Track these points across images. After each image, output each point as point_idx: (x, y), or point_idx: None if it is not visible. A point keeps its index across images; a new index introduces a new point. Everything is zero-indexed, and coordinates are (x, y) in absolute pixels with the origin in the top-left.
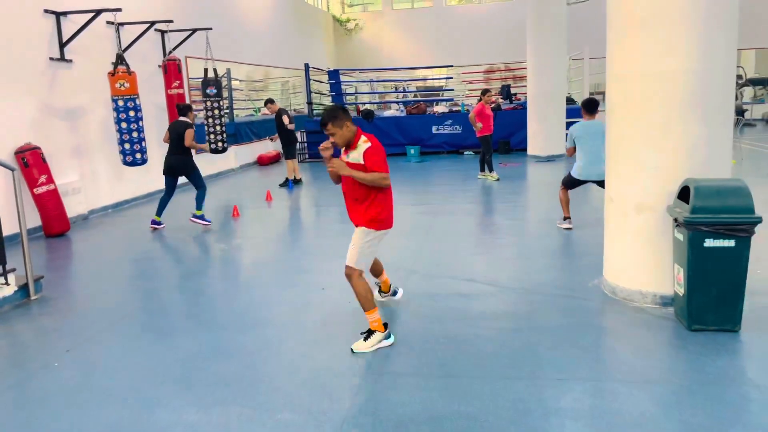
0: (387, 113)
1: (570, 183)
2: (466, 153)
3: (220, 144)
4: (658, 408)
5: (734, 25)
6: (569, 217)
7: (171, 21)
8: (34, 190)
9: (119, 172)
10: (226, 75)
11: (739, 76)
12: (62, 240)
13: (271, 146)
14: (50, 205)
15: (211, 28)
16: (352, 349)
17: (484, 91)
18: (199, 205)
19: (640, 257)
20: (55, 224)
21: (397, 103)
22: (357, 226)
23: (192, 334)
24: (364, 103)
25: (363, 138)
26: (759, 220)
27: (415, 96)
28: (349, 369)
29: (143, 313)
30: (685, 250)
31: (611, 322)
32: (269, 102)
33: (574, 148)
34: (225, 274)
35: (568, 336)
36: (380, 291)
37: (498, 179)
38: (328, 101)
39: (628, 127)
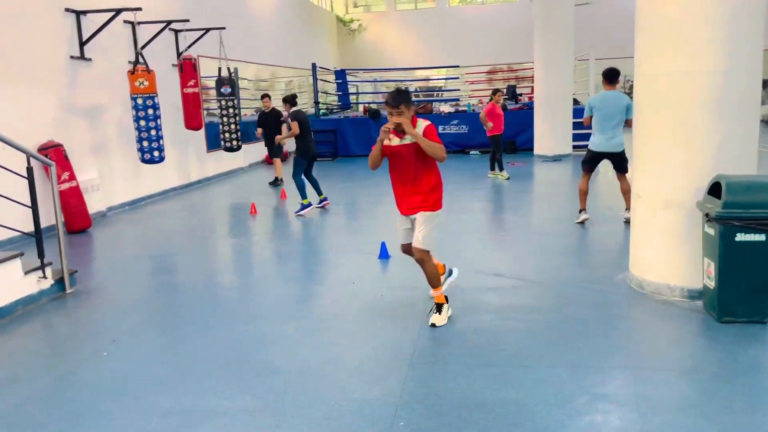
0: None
1: (589, 161)
2: (472, 153)
3: (234, 142)
4: (698, 394)
5: (760, 28)
6: (585, 209)
7: (187, 20)
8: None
9: (136, 169)
10: (234, 74)
11: None
12: (84, 236)
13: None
14: (73, 201)
15: (224, 28)
16: (433, 324)
17: (495, 91)
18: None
19: (667, 252)
20: (77, 221)
21: None
22: (415, 211)
23: (232, 326)
24: (369, 103)
25: (420, 120)
26: None
27: (417, 96)
28: (394, 358)
29: (179, 306)
30: (716, 245)
31: (641, 315)
32: (265, 97)
33: (591, 117)
34: (251, 269)
35: (601, 327)
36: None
37: (508, 178)
38: (334, 101)
39: (656, 126)
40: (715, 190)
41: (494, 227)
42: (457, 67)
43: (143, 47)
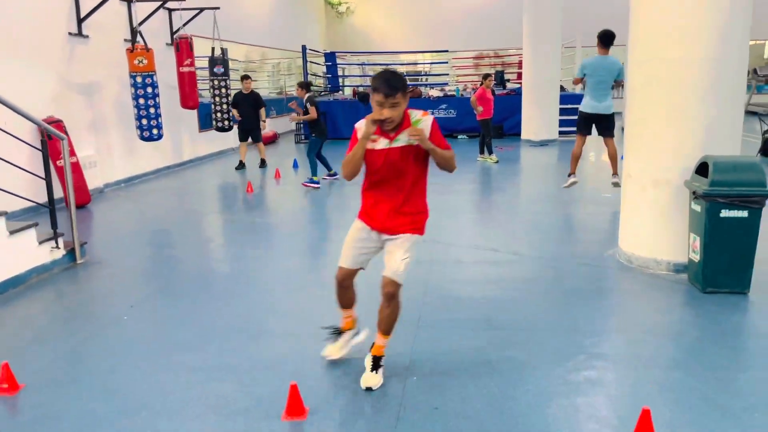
0: None
1: (581, 124)
2: (460, 137)
3: (226, 122)
4: (687, 354)
5: (748, 18)
6: (574, 173)
7: None
8: (57, 162)
9: (132, 147)
10: (224, 54)
11: None
12: (84, 211)
13: (268, 127)
14: (73, 177)
15: (218, 8)
16: (369, 387)
17: (486, 76)
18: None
19: (655, 228)
20: (77, 196)
21: None
22: (396, 232)
23: (244, 294)
24: (358, 86)
25: (416, 112)
26: None
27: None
28: (402, 323)
29: (189, 276)
30: (702, 220)
31: (631, 286)
32: (246, 78)
33: (581, 79)
34: (255, 243)
35: (594, 297)
36: (340, 332)
37: (497, 162)
38: (321, 83)
39: (649, 109)
40: (701, 169)
41: (484, 207)
42: (446, 51)
43: (140, 25)
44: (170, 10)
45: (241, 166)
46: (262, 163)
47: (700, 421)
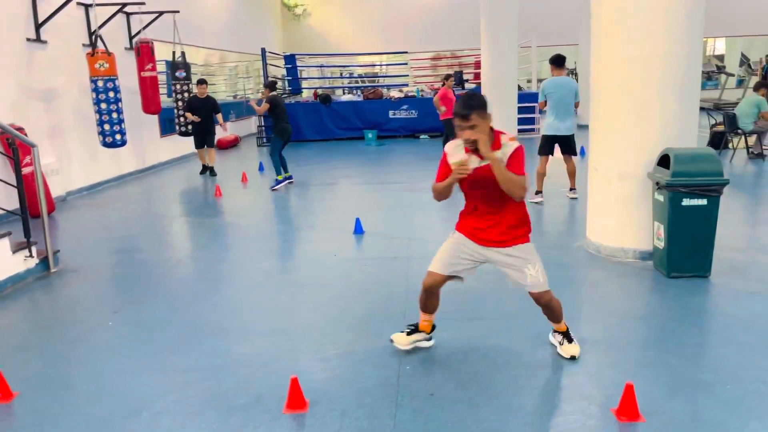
0: (344, 98)
1: (545, 146)
2: (422, 137)
3: (189, 127)
4: (658, 334)
5: (702, 16)
6: (541, 192)
7: (143, 3)
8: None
9: (93, 154)
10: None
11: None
12: (50, 220)
13: (226, 131)
14: (35, 185)
15: (178, 11)
16: (573, 356)
17: (447, 76)
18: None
19: (621, 218)
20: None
21: (350, 88)
22: (503, 244)
23: (226, 295)
24: (318, 88)
25: (506, 135)
26: (727, 182)
27: (363, 81)
28: (388, 317)
29: (168, 280)
30: (665, 209)
31: (600, 274)
32: (202, 83)
33: (545, 102)
34: (230, 246)
35: (567, 285)
36: (416, 330)
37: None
38: (280, 86)
39: (612, 106)
40: (663, 161)
41: (454, 204)
42: (406, 53)
43: (99, 28)
44: (128, 14)
45: (204, 170)
46: (210, 171)
47: (677, 394)
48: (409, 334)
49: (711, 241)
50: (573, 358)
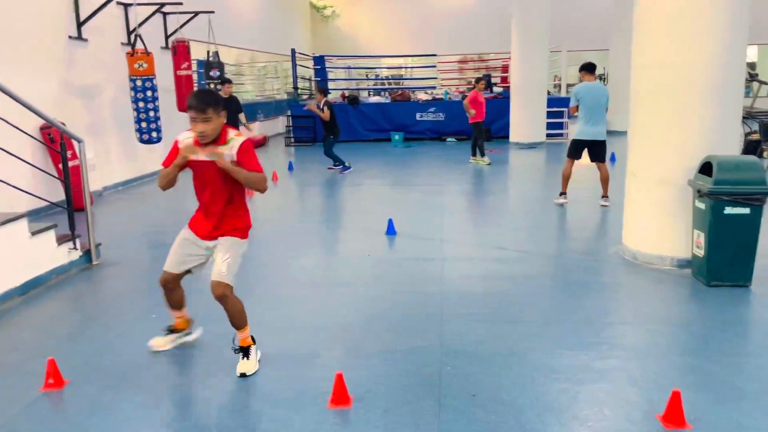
0: (372, 99)
1: (574, 149)
2: (448, 140)
3: None
4: (700, 342)
5: (746, 23)
6: (565, 193)
7: (180, 3)
8: (60, 165)
9: (129, 150)
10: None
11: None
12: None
13: (258, 130)
14: (75, 180)
15: (213, 12)
16: (243, 373)
17: (478, 80)
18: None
19: (659, 225)
20: (79, 198)
21: (377, 90)
22: (217, 237)
23: (265, 291)
24: (345, 89)
25: (232, 131)
26: None
27: (390, 83)
28: (426, 317)
29: (206, 276)
30: (706, 217)
31: (638, 281)
32: (227, 82)
33: (577, 107)
34: (268, 242)
35: (604, 291)
36: (173, 330)
37: (489, 164)
38: (306, 87)
39: (653, 111)
40: (704, 168)
41: (483, 207)
42: (434, 55)
43: (138, 27)
44: (165, 14)
45: None
46: None
47: (721, 401)
48: (167, 334)
49: (753, 250)
50: (243, 375)
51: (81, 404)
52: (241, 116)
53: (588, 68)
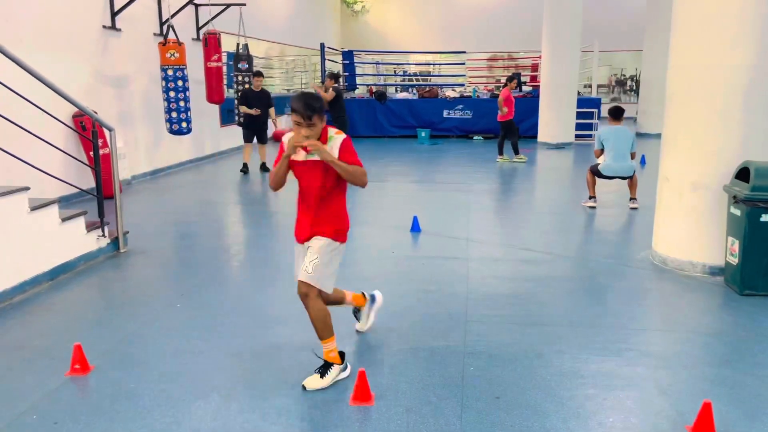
0: (400, 95)
1: (597, 173)
2: (475, 138)
3: (241, 119)
4: (732, 353)
5: None
6: (594, 197)
7: None
8: (91, 153)
9: (157, 140)
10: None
11: None
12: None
13: (284, 123)
14: (105, 168)
15: (245, 4)
16: (304, 386)
17: (510, 78)
18: None
19: (692, 231)
20: (108, 186)
21: (404, 86)
22: (311, 237)
23: (291, 283)
24: (373, 85)
25: (332, 130)
26: None
27: (417, 80)
28: (450, 317)
29: (232, 267)
30: (742, 224)
31: (668, 287)
32: (258, 75)
33: (601, 151)
34: (288, 235)
35: (633, 296)
36: (358, 311)
37: (524, 161)
38: (340, 80)
39: (689, 113)
40: (741, 174)
41: (510, 207)
42: (464, 53)
43: (171, 18)
44: (197, 6)
45: (246, 169)
46: (263, 167)
47: (754, 415)
48: (359, 319)
49: None
50: (303, 388)
51: (105, 390)
52: (271, 111)
53: (614, 114)
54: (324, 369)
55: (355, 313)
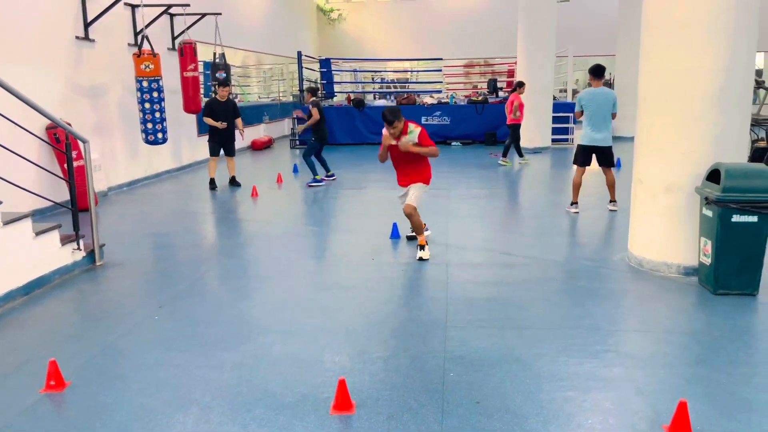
0: (378, 103)
1: (580, 156)
2: (453, 144)
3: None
4: (707, 352)
5: (755, 30)
6: (577, 203)
7: (188, 5)
8: (65, 165)
9: (134, 150)
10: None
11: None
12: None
13: (262, 131)
14: (80, 180)
15: (221, 13)
16: (421, 257)
17: (520, 84)
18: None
19: (666, 232)
20: (84, 199)
21: (382, 93)
22: (411, 184)
23: (269, 293)
24: (351, 92)
25: (412, 124)
26: None
27: (395, 87)
28: (430, 322)
29: (211, 277)
30: (714, 225)
31: (644, 288)
32: (224, 84)
33: (581, 112)
34: (271, 246)
35: (610, 298)
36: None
37: (527, 162)
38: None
39: (661, 117)
40: (712, 176)
41: (490, 212)
42: (440, 59)
43: (145, 28)
44: (172, 15)
45: (214, 185)
46: (233, 181)
47: (730, 413)
48: (419, 248)
49: (760, 259)
50: (421, 259)
51: (82, 406)
52: (239, 121)
53: (595, 72)
54: (422, 247)
55: (410, 239)
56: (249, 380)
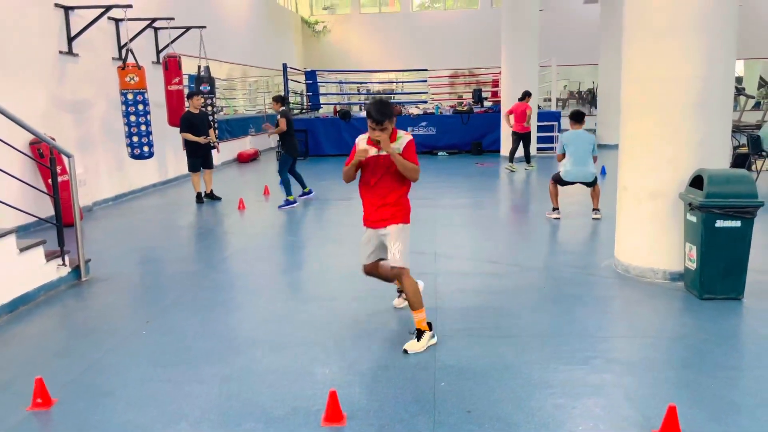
0: (364, 114)
1: (559, 180)
2: (440, 154)
3: (211, 141)
4: (695, 356)
5: (734, 37)
6: (558, 208)
7: (172, 18)
8: (49, 180)
9: (119, 165)
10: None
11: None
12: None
13: (248, 144)
14: (65, 195)
15: (205, 27)
16: (405, 350)
17: (528, 93)
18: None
19: (651, 238)
20: (69, 214)
21: (364, 104)
22: (386, 225)
23: (257, 306)
24: (337, 104)
25: (401, 132)
26: (762, 204)
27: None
28: None
29: (198, 291)
30: (698, 230)
31: (631, 294)
32: (195, 95)
33: (563, 155)
34: (255, 258)
35: (598, 305)
36: (401, 291)
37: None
38: (297, 101)
39: (643, 125)
40: (695, 182)
41: (477, 220)
42: (425, 70)
43: (129, 42)
44: (156, 29)
45: (201, 198)
46: (211, 195)
47: (718, 417)
48: (400, 295)
49: (744, 263)
50: (405, 351)
51: (69, 424)
52: (212, 132)
53: (575, 117)
54: (419, 334)
55: (399, 291)
56: (238, 394)
